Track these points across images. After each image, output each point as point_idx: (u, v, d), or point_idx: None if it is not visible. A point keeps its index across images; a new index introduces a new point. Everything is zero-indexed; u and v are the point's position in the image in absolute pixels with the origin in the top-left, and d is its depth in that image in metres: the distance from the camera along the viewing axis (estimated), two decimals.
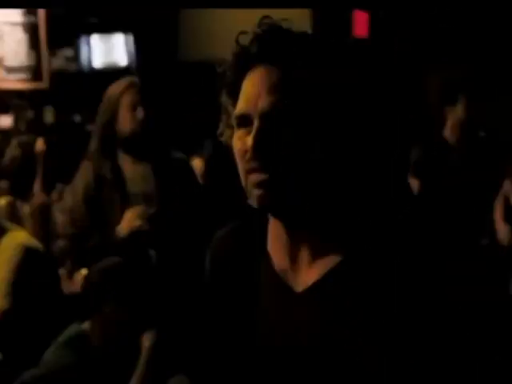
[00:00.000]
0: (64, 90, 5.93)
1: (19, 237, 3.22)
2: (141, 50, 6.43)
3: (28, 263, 3.14)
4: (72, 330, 2.85)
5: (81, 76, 6.22)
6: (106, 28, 6.40)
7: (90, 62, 6.25)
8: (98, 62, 6.30)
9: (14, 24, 5.56)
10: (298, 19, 4.96)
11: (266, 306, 1.38)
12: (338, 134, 1.26)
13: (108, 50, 6.35)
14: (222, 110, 1.35)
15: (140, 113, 3.24)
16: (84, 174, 3.31)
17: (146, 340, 2.71)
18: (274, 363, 1.36)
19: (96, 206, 3.24)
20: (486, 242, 4.14)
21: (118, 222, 3.22)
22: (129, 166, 3.27)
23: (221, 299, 1.46)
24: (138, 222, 3.17)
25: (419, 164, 4.48)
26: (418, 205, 3.94)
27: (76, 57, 6.18)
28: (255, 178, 1.25)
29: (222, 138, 1.36)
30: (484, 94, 4.49)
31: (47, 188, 4.37)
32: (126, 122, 3.24)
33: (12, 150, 4.37)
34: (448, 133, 4.52)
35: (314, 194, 1.28)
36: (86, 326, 2.84)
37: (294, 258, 1.34)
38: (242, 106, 1.27)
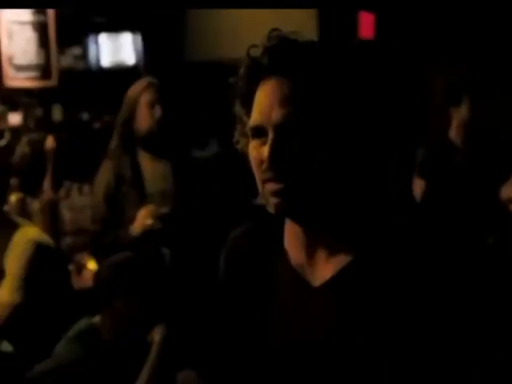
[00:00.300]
0: (72, 88, 5.98)
1: (30, 232, 3.26)
2: (148, 49, 6.47)
3: (39, 258, 3.18)
4: (82, 324, 2.90)
5: (89, 74, 6.27)
6: (114, 27, 6.45)
7: (98, 60, 6.30)
8: (106, 60, 6.35)
9: (23, 23, 5.60)
10: (305, 20, 5.03)
11: (283, 300, 1.43)
12: (348, 141, 1.31)
13: (116, 48, 6.40)
14: (237, 119, 1.41)
15: (158, 111, 3.33)
16: (105, 173, 3.40)
17: (157, 334, 2.76)
18: (291, 357, 1.41)
19: (115, 204, 3.31)
20: (491, 241, 4.19)
21: (134, 220, 3.29)
22: (148, 165, 3.34)
23: (237, 296, 1.51)
24: (149, 221, 3.24)
25: (424, 164, 4.53)
26: (423, 205, 3.99)
27: (84, 55, 6.23)
28: (271, 187, 1.31)
29: (238, 146, 1.42)
30: (486, 94, 4.53)
31: (56, 185, 4.43)
32: (143, 120, 3.33)
33: (22, 148, 4.45)
34: (453, 133, 4.57)
35: (326, 200, 1.34)
36: (96, 320, 2.89)
37: (310, 255, 1.39)
38: (256, 117, 1.32)
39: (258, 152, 1.32)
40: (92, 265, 4.24)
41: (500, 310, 1.42)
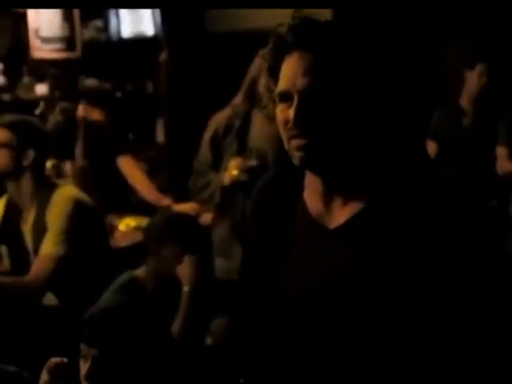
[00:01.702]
0: (95, 60, 6.16)
1: (70, 191, 3.40)
2: (167, 20, 6.61)
3: (79, 214, 3.31)
4: (124, 276, 3.09)
5: (110, 46, 6.44)
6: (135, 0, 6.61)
7: (119, 32, 6.47)
8: (126, 32, 6.52)
9: None
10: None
11: (302, 244, 1.64)
12: (362, 103, 1.53)
13: (136, 20, 6.56)
14: (265, 87, 1.64)
15: None
16: (219, 118, 3.62)
17: (186, 285, 2.98)
18: (309, 297, 1.61)
19: (218, 150, 3.55)
20: (494, 204, 4.42)
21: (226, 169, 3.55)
22: (258, 123, 3.53)
23: (260, 239, 1.72)
24: (235, 172, 3.47)
25: (436, 128, 4.76)
26: (433, 164, 4.18)
27: (106, 27, 6.40)
28: (296, 142, 1.54)
29: (265, 111, 1.66)
30: (498, 64, 4.75)
31: (86, 152, 4.62)
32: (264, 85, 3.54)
33: (55, 116, 4.64)
34: (464, 100, 4.79)
35: (343, 153, 1.55)
36: (137, 273, 3.11)
37: (327, 203, 1.62)
38: (282, 84, 1.55)
39: (284, 114, 1.55)
40: (123, 225, 4.46)
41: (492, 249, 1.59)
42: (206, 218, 3.78)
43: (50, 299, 3.39)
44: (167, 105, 6.52)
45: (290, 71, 1.53)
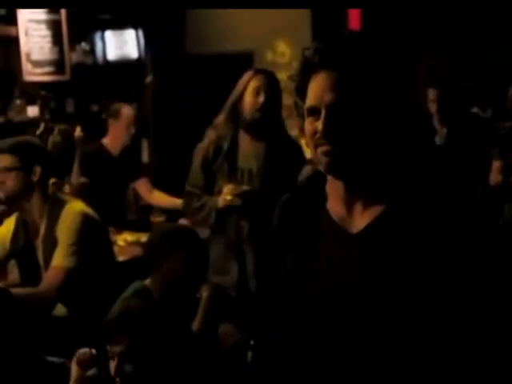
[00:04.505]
0: (82, 82, 6.32)
1: (77, 206, 3.54)
2: (150, 44, 6.80)
3: (88, 227, 3.44)
4: (135, 285, 3.18)
5: (96, 68, 6.61)
6: (119, 24, 6.82)
7: (104, 55, 6.64)
8: (111, 55, 6.70)
9: (38, 21, 5.95)
10: (299, 13, 5.46)
11: (326, 249, 1.75)
12: (379, 114, 1.71)
13: (120, 44, 6.74)
14: (294, 105, 1.84)
15: (261, 98, 3.68)
16: (206, 142, 3.78)
17: (205, 291, 3.15)
18: (332, 298, 1.71)
19: (209, 173, 3.73)
20: (480, 192, 4.79)
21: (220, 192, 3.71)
22: (245, 143, 3.71)
23: (287, 248, 1.85)
24: (229, 197, 3.65)
25: None
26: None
27: (92, 50, 6.57)
28: (324, 148, 1.70)
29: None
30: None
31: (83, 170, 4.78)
32: (248, 105, 3.71)
33: (54, 137, 4.80)
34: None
35: (365, 160, 1.72)
36: (147, 282, 3.24)
37: (349, 208, 1.74)
38: (311, 100, 1.73)
39: (312, 126, 1.73)
40: (121, 241, 4.63)
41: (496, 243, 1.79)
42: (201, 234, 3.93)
43: (58, 310, 3.51)
44: (152, 126, 6.68)
45: (318, 88, 1.71)
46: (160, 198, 5.27)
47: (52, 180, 4.37)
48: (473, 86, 5.48)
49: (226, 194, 3.68)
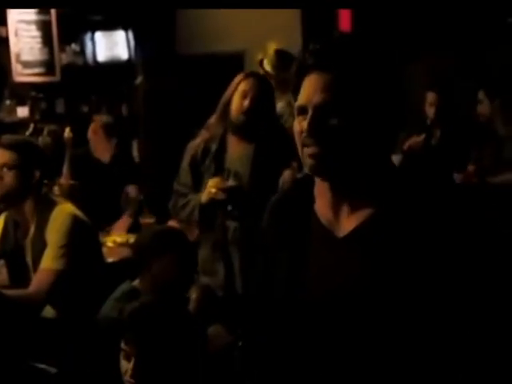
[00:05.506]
0: (73, 83, 6.30)
1: (67, 208, 3.52)
2: (141, 44, 6.79)
3: (77, 229, 3.43)
4: (125, 286, 3.19)
5: (87, 69, 6.60)
6: (109, 25, 6.81)
7: (94, 56, 6.63)
8: (101, 56, 6.69)
9: (28, 22, 5.94)
10: (290, 14, 5.46)
11: (316, 252, 1.74)
12: (366, 118, 1.71)
13: (110, 44, 6.73)
14: (289, 104, 1.84)
15: (247, 101, 3.69)
16: (196, 142, 3.78)
17: (194, 292, 3.15)
18: (322, 301, 1.70)
19: (197, 172, 3.73)
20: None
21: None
22: (234, 145, 3.71)
23: (274, 250, 1.84)
24: (213, 191, 3.63)
25: None
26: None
27: (82, 51, 6.56)
28: (309, 150, 1.70)
29: (286, 124, 1.82)
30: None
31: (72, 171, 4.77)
32: (235, 106, 3.72)
33: (44, 138, 4.79)
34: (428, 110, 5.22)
35: (350, 162, 1.72)
36: (136, 283, 3.24)
37: (336, 211, 1.72)
38: (301, 100, 1.74)
39: (300, 125, 1.73)
40: (110, 242, 4.62)
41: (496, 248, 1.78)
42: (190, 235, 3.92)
43: (48, 312, 3.49)
44: (143, 126, 6.68)
45: (308, 88, 1.72)
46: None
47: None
48: (473, 85, 5.47)
49: (211, 187, 3.66)
